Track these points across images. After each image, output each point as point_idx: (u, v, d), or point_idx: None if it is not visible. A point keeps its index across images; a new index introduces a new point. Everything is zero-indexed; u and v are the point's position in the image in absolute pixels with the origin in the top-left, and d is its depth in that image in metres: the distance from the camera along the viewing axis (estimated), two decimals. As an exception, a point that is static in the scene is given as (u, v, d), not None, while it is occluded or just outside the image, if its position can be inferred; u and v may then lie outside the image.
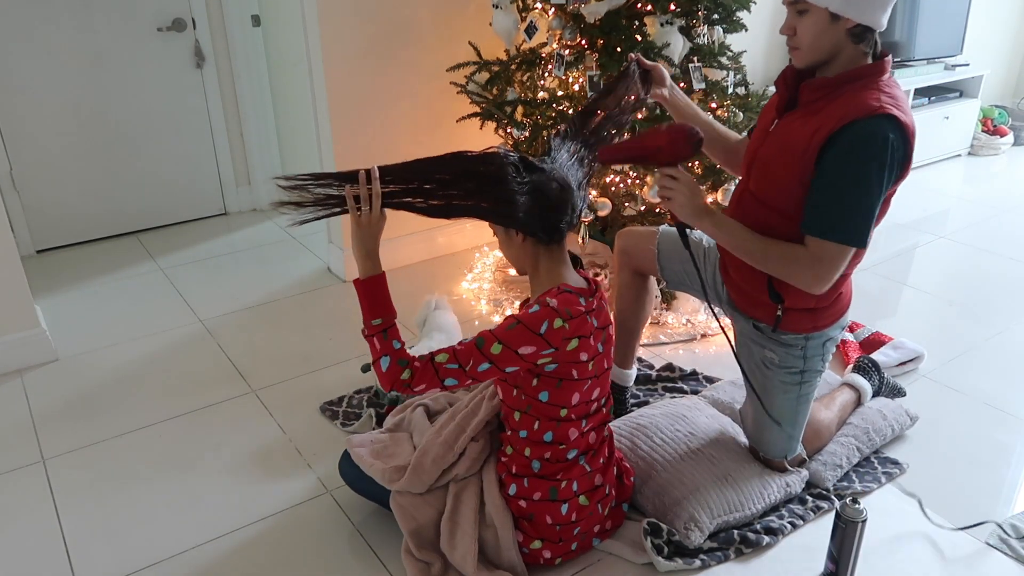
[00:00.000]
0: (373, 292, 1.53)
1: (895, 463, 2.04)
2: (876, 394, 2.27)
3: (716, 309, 2.11)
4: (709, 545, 1.75)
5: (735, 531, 1.79)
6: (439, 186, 1.51)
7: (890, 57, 1.60)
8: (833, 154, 1.53)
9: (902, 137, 1.52)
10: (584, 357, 1.55)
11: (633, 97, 1.84)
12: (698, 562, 1.71)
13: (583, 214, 1.70)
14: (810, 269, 1.58)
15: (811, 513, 1.86)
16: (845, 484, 1.95)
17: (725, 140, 1.95)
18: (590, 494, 1.68)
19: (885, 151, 1.50)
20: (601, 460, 1.70)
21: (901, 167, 1.55)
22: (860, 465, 2.04)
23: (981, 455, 2.10)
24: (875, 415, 2.14)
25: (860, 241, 1.57)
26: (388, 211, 1.52)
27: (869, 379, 2.26)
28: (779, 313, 1.75)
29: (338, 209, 1.51)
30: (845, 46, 1.56)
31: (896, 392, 2.32)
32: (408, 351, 1.52)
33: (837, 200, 1.55)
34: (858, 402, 2.21)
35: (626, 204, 2.70)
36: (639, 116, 2.45)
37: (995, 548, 1.77)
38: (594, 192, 2.64)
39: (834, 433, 2.08)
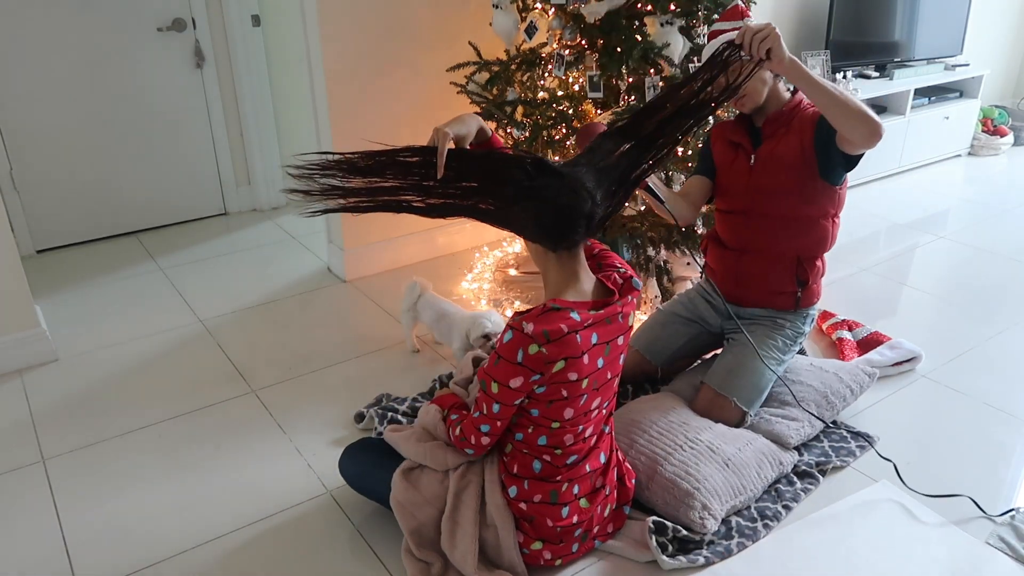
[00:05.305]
0: None
1: (867, 436, 2.13)
2: None
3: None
4: (711, 539, 1.77)
5: (735, 520, 1.83)
6: (439, 184, 1.50)
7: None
8: (827, 127, 1.94)
9: None
10: (574, 377, 1.50)
11: (723, 83, 1.72)
12: (701, 559, 1.71)
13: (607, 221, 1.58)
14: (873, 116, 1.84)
15: (802, 494, 1.93)
16: (825, 459, 2.03)
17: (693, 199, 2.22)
18: (591, 496, 1.68)
19: None
20: (601, 459, 1.70)
21: None
22: (833, 439, 2.12)
23: (981, 455, 2.10)
24: (831, 379, 2.22)
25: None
26: (389, 214, 1.52)
27: None
28: (799, 294, 2.16)
29: (344, 203, 1.51)
30: (772, 83, 2.05)
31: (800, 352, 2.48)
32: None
33: None
34: None
35: (626, 204, 2.69)
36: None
37: (995, 548, 1.77)
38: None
39: None
